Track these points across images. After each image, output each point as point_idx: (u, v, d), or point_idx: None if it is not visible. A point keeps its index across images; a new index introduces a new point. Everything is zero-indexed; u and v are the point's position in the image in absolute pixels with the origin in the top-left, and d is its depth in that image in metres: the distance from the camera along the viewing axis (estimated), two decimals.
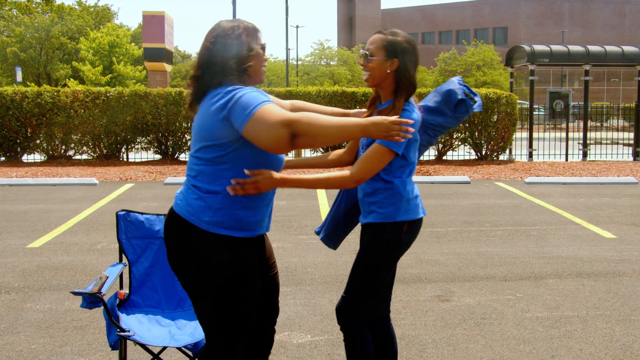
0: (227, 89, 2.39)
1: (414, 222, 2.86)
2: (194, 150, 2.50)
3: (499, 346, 4.03)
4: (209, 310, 2.50)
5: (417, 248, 6.47)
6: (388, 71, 2.72)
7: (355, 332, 2.88)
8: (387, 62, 2.71)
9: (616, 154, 16.39)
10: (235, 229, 2.47)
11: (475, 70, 43.35)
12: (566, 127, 15.52)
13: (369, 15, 63.30)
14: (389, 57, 2.71)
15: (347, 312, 2.88)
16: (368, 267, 2.85)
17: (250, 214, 2.49)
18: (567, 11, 60.78)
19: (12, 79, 39.25)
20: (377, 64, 2.72)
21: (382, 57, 2.71)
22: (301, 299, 4.90)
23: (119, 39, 36.25)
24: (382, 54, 2.71)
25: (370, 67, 2.74)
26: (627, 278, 5.54)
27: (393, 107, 2.70)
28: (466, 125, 14.26)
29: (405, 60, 2.72)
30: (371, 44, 2.75)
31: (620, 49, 15.82)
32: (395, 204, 2.79)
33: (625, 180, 11.70)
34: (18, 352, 3.89)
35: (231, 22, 2.53)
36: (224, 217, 2.45)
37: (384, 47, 2.71)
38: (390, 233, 2.80)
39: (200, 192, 2.46)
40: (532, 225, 7.69)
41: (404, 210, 2.80)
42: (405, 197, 2.80)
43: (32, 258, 6.06)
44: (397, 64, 2.71)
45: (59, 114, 13.38)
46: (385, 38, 2.73)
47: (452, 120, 2.99)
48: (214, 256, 2.45)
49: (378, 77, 2.74)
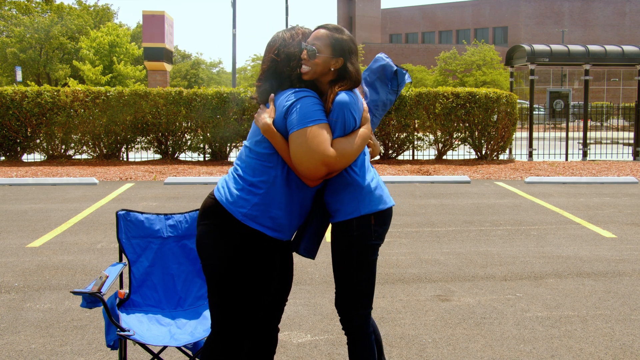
0: (296, 90, 2.55)
1: (381, 213, 2.78)
2: (250, 141, 2.61)
3: (499, 346, 4.02)
4: (221, 299, 2.57)
5: (417, 248, 6.47)
6: (332, 69, 2.68)
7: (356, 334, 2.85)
8: (332, 60, 2.67)
9: (616, 154, 16.39)
10: (268, 228, 2.55)
11: (475, 70, 43.34)
12: (566, 127, 15.53)
13: (369, 14, 63.28)
14: (335, 56, 2.67)
15: (341, 315, 2.85)
16: (347, 266, 2.78)
17: (284, 216, 2.57)
18: (567, 11, 60.79)
19: (12, 79, 39.24)
20: (322, 60, 2.66)
21: (328, 55, 2.67)
22: (301, 298, 4.90)
23: (119, 38, 36.22)
24: (328, 52, 2.67)
25: (314, 63, 2.67)
26: (627, 278, 5.54)
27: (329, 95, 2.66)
28: (466, 125, 14.26)
29: (352, 59, 2.70)
30: (317, 40, 2.68)
31: (620, 49, 15.81)
32: (357, 197, 2.72)
33: (625, 179, 11.70)
34: (18, 352, 3.88)
35: (290, 32, 2.68)
36: (260, 212, 2.52)
37: (331, 44, 2.67)
38: (358, 229, 2.73)
39: (243, 184, 2.56)
40: (532, 225, 7.69)
41: (368, 202, 2.73)
42: (365, 188, 2.73)
43: (32, 258, 6.06)
44: (341, 63, 2.68)
45: (59, 113, 13.38)
46: (332, 35, 2.69)
47: (390, 95, 3.00)
48: (242, 248, 2.53)
49: (319, 73, 2.69)
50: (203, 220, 2.61)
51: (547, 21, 60.60)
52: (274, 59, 2.62)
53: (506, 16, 61.79)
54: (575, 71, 34.43)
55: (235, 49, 29.50)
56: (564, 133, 15.98)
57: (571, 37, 56.42)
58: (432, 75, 45.06)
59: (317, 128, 2.45)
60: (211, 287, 2.61)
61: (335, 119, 2.60)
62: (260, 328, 2.80)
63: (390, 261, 5.93)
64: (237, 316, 2.60)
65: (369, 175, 2.77)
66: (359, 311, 2.82)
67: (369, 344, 2.85)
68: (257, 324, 2.78)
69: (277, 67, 2.61)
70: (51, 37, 39.31)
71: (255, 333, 2.80)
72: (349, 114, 2.61)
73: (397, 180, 11.28)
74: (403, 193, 9.95)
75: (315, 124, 2.45)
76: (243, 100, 13.68)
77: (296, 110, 2.48)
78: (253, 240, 2.55)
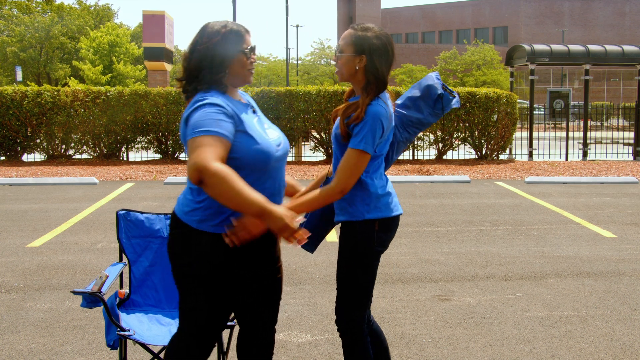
0: (194, 100, 2.44)
1: (387, 221, 2.78)
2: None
3: (499, 345, 4.02)
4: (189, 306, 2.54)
5: (417, 247, 6.47)
6: (357, 67, 2.67)
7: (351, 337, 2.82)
8: (355, 59, 2.66)
9: (616, 154, 16.39)
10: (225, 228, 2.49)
11: (475, 70, 43.32)
12: (566, 127, 15.53)
13: (369, 14, 63.23)
14: (357, 54, 2.65)
15: (338, 317, 2.84)
16: (346, 268, 2.79)
17: (237, 214, 2.48)
18: (567, 10, 60.77)
19: (12, 79, 39.24)
20: (345, 60, 2.67)
21: (350, 54, 2.66)
22: (301, 298, 4.90)
23: (118, 38, 36.25)
24: (350, 50, 2.66)
25: (339, 64, 2.70)
26: (627, 277, 5.54)
27: (358, 105, 2.65)
28: (466, 125, 14.26)
29: (374, 57, 2.66)
30: (342, 40, 2.69)
31: (621, 49, 15.81)
32: (364, 200, 2.71)
33: (626, 179, 11.70)
34: (18, 352, 3.89)
35: (218, 25, 2.53)
36: (211, 216, 2.48)
37: (352, 43, 2.66)
38: (361, 233, 2.73)
39: (192, 190, 2.51)
40: (532, 225, 7.69)
41: (374, 208, 2.72)
42: (374, 194, 2.72)
43: (32, 257, 6.06)
44: (365, 61, 2.66)
45: (59, 113, 13.38)
46: (355, 34, 2.67)
47: (430, 117, 2.94)
48: (205, 254, 2.49)
49: (347, 74, 2.70)
50: (171, 230, 2.59)
51: (547, 21, 60.58)
52: (193, 51, 2.52)
53: (506, 16, 61.77)
54: (575, 71, 34.39)
55: None
56: (564, 133, 15.98)
57: (571, 37, 56.40)
58: None
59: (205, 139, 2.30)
60: (182, 293, 2.57)
61: (365, 130, 2.59)
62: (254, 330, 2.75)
63: (390, 261, 5.93)
64: (208, 321, 2.56)
65: (380, 181, 2.77)
66: (350, 313, 2.80)
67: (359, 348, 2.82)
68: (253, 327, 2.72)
69: (190, 62, 2.52)
70: (51, 36, 39.32)
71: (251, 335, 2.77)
72: (379, 125, 2.60)
73: (397, 180, 11.28)
74: (403, 193, 9.95)
75: (204, 135, 2.31)
76: None
77: (191, 119, 2.38)
78: (218, 244, 2.48)
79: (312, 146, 14.66)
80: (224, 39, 2.49)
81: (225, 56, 2.48)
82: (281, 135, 2.66)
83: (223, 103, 2.42)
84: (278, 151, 2.55)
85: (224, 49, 2.48)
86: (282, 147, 2.59)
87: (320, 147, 14.55)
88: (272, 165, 2.52)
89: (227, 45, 2.49)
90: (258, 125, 2.54)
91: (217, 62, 2.48)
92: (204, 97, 2.42)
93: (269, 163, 2.50)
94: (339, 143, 2.74)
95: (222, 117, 2.37)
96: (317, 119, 13.87)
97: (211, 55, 2.48)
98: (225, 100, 2.46)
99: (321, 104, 13.78)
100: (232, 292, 2.59)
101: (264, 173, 2.50)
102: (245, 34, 2.54)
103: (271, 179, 2.54)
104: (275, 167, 2.55)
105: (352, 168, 2.60)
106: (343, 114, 2.70)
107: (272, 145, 2.52)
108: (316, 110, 13.81)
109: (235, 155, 2.42)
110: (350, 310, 2.80)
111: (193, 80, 2.51)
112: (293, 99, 13.82)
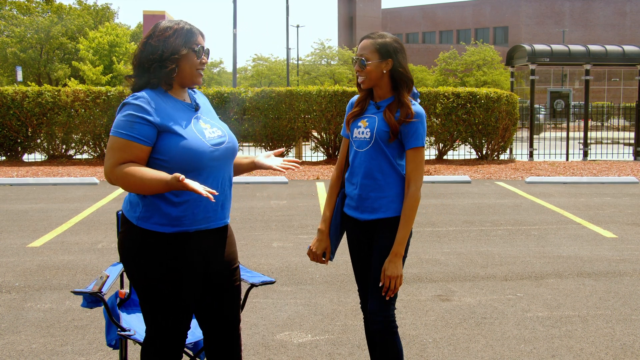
0: (125, 101, 2.47)
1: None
2: None
3: (500, 346, 4.02)
4: (150, 306, 2.55)
5: (417, 247, 6.47)
6: (384, 71, 2.85)
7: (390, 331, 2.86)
8: (382, 64, 2.84)
9: (617, 154, 16.39)
10: (164, 225, 2.48)
11: (475, 70, 43.30)
12: (567, 127, 15.53)
13: (369, 14, 63.24)
14: (383, 59, 2.84)
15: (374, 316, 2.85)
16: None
17: (178, 210, 2.48)
18: (567, 10, 60.77)
19: (12, 79, 39.24)
20: (373, 67, 2.85)
21: (377, 60, 2.84)
22: (301, 298, 4.90)
23: (118, 38, 36.22)
24: (376, 57, 2.84)
25: (367, 72, 2.86)
26: (628, 278, 5.53)
27: (399, 103, 2.84)
28: (467, 125, 14.25)
29: (399, 58, 2.86)
30: (363, 50, 2.87)
31: (621, 49, 15.81)
32: (401, 196, 2.87)
33: (626, 179, 11.70)
34: (19, 352, 3.89)
35: (171, 22, 2.56)
36: (152, 212, 2.48)
37: (377, 50, 2.85)
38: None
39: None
40: (533, 225, 7.69)
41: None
42: (403, 191, 2.88)
43: (33, 257, 6.06)
44: (391, 64, 2.85)
45: (60, 113, 13.38)
46: (375, 42, 2.86)
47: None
48: (145, 252, 2.49)
49: (375, 79, 2.87)
50: (119, 228, 2.61)
51: (547, 21, 60.57)
52: (140, 48, 2.54)
53: (507, 16, 61.77)
54: (575, 71, 34.43)
55: (235, 49, 29.45)
56: (565, 133, 15.98)
57: (572, 37, 56.39)
58: (432, 75, 45.02)
59: (114, 143, 2.41)
60: (139, 295, 2.56)
61: (420, 127, 2.82)
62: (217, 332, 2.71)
63: None
64: (167, 321, 2.55)
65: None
66: (389, 309, 2.85)
67: (397, 342, 2.87)
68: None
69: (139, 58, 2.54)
70: (51, 37, 39.30)
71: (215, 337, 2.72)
72: (425, 125, 2.85)
73: None
74: None
75: (114, 137, 2.42)
76: (244, 100, 13.69)
77: (116, 119, 2.46)
78: (154, 241, 2.48)
79: (312, 146, 14.67)
80: (175, 34, 2.51)
81: (175, 50, 2.49)
82: (226, 134, 2.63)
83: (147, 105, 2.44)
84: (216, 150, 2.52)
85: (175, 43, 2.50)
86: (223, 147, 2.56)
87: (321, 147, 14.56)
88: (208, 164, 2.50)
89: (178, 40, 2.51)
90: (194, 126, 2.53)
91: (166, 55, 2.49)
92: (133, 96, 2.47)
93: (202, 162, 2.48)
94: (376, 145, 2.83)
95: (138, 120, 2.41)
96: (318, 119, 13.88)
97: (162, 48, 2.49)
98: (155, 101, 2.47)
99: (321, 104, 13.79)
100: (187, 291, 2.56)
101: (200, 173, 2.48)
102: (198, 34, 2.57)
103: (211, 178, 2.52)
104: (214, 167, 2.53)
105: (421, 165, 2.84)
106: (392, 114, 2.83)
107: (204, 144, 2.49)
108: (316, 110, 13.82)
109: (163, 157, 2.45)
110: (389, 306, 2.86)
111: (144, 73, 2.52)
112: (293, 99, 13.82)
